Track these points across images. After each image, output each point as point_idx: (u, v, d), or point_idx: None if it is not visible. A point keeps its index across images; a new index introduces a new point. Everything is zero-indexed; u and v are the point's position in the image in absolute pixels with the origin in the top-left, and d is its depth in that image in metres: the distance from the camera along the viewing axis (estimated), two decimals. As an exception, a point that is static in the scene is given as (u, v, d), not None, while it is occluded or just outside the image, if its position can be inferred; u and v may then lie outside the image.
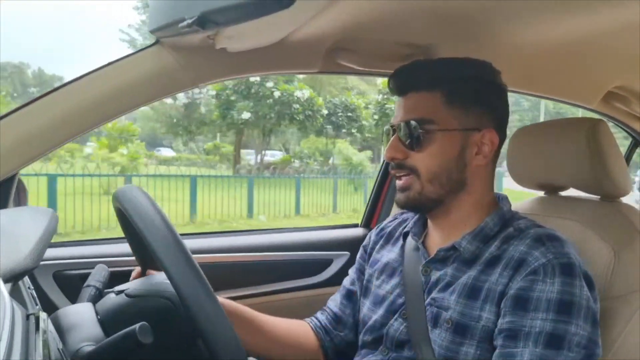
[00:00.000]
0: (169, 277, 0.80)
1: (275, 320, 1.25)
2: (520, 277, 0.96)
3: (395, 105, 1.12)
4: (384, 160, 2.01)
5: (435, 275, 1.08)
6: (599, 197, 1.29)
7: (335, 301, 1.32)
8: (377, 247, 1.27)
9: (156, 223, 0.83)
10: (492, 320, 0.97)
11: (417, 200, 1.06)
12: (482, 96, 1.06)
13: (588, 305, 0.93)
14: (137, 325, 0.80)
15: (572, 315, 0.92)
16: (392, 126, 1.09)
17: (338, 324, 1.28)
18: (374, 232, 1.32)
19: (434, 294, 1.06)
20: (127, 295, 0.97)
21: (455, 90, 1.04)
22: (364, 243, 1.33)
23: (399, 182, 1.08)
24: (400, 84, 1.10)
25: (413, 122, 1.03)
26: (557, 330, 0.91)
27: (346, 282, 1.33)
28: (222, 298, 1.12)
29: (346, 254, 1.81)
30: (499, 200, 1.12)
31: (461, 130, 1.04)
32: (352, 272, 1.33)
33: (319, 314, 1.33)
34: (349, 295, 1.30)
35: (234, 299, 1.60)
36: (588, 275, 0.97)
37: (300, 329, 1.29)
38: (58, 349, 0.77)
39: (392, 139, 1.07)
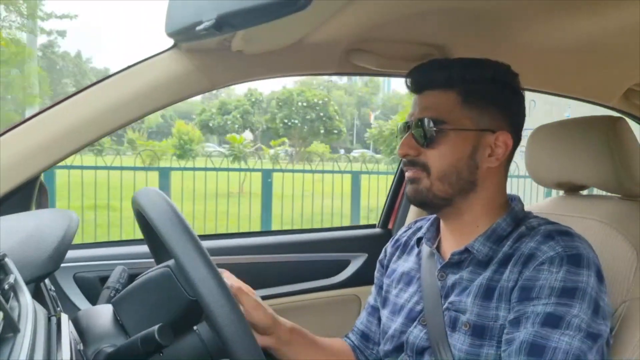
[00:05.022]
0: (187, 278, 0.81)
1: (326, 341, 1.26)
2: (528, 271, 0.97)
3: (412, 102, 1.11)
4: (401, 160, 2.00)
5: (451, 279, 1.07)
6: (619, 195, 1.27)
7: (361, 319, 1.32)
8: (394, 258, 1.27)
9: (174, 224, 0.84)
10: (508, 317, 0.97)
11: (426, 196, 1.06)
12: (498, 98, 1.06)
13: (592, 293, 0.92)
14: (156, 327, 0.81)
15: (574, 299, 0.91)
16: (407, 123, 1.09)
17: (368, 342, 1.28)
18: (389, 244, 1.32)
19: (451, 298, 1.05)
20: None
21: (472, 90, 1.04)
22: (379, 257, 1.32)
23: (408, 174, 1.08)
24: (417, 81, 1.10)
25: (426, 120, 1.04)
26: (556, 312, 0.91)
27: (370, 299, 1.33)
28: (291, 323, 1.18)
29: (363, 255, 1.81)
30: (511, 201, 1.11)
31: (474, 131, 1.04)
32: (373, 288, 1.33)
33: (350, 334, 1.33)
34: (374, 312, 1.29)
35: (251, 300, 1.61)
36: (599, 268, 0.97)
37: (341, 347, 1.30)
38: (78, 351, 0.79)
39: (405, 135, 1.07)
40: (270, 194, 6.94)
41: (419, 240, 1.20)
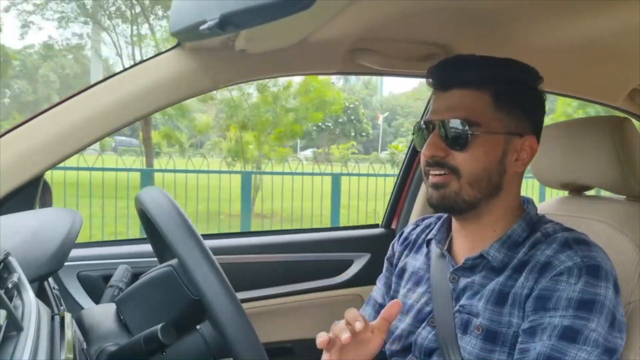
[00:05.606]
0: (190, 277, 0.81)
1: None
2: (545, 280, 0.95)
3: (432, 99, 1.07)
4: (405, 158, 1.99)
5: (462, 282, 1.06)
6: (624, 196, 1.27)
7: (366, 314, 1.28)
8: (402, 256, 1.25)
9: (177, 223, 0.84)
10: (521, 325, 0.96)
11: (453, 200, 1.02)
12: (525, 101, 1.03)
13: (610, 306, 0.92)
14: (159, 326, 0.81)
15: (592, 312, 0.90)
16: (431, 122, 1.04)
17: None
18: (397, 242, 1.29)
19: (462, 301, 1.04)
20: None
21: (503, 92, 1.01)
22: (387, 255, 1.30)
23: (433, 179, 1.03)
24: (445, 78, 1.05)
25: (458, 121, 0.99)
26: (574, 325, 0.90)
27: (377, 296, 1.29)
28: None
29: (366, 255, 1.80)
30: (525, 204, 1.09)
31: (504, 134, 1.01)
32: (380, 284, 1.30)
33: None
34: (381, 310, 1.27)
35: (253, 299, 1.61)
36: (616, 279, 0.96)
37: None
38: (82, 349, 0.79)
39: (432, 135, 1.02)
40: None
41: (429, 241, 1.18)
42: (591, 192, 1.38)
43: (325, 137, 24.33)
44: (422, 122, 1.07)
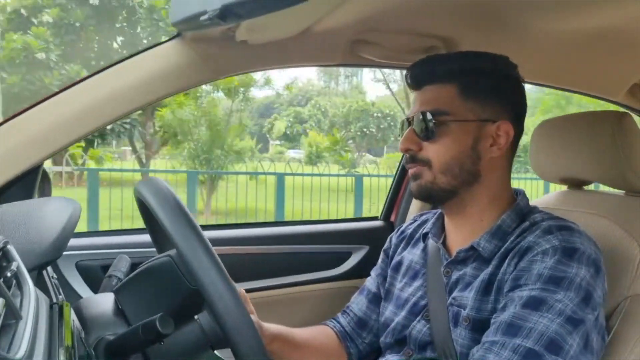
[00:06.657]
0: (189, 267, 0.81)
1: (303, 333, 1.24)
2: (523, 262, 0.97)
3: (412, 99, 1.12)
4: (403, 155, 1.99)
5: (455, 275, 1.07)
6: (623, 191, 1.27)
7: (359, 305, 1.30)
8: (399, 250, 1.27)
9: (176, 214, 0.84)
10: None
11: (430, 189, 1.06)
12: (498, 89, 1.06)
13: (582, 283, 0.91)
14: (157, 316, 0.81)
15: (560, 286, 0.91)
16: (407, 119, 1.09)
17: (363, 330, 1.27)
18: (394, 235, 1.31)
19: (454, 294, 1.05)
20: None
21: (471, 83, 1.04)
22: (384, 247, 1.32)
23: (410, 171, 1.09)
24: (417, 77, 1.10)
25: (427, 114, 1.04)
26: (540, 295, 0.91)
27: (371, 286, 1.31)
28: (266, 324, 1.15)
29: (365, 247, 1.81)
30: (517, 195, 1.11)
31: (475, 122, 1.04)
32: (375, 275, 1.31)
33: (341, 318, 1.31)
34: (376, 300, 1.28)
35: (251, 290, 1.61)
36: (597, 265, 0.95)
37: (326, 338, 1.27)
38: (80, 338, 0.79)
39: (407, 130, 1.08)
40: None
41: (425, 235, 1.20)
42: (591, 187, 1.38)
43: (365, 142, 26.14)
44: (403, 120, 1.12)
